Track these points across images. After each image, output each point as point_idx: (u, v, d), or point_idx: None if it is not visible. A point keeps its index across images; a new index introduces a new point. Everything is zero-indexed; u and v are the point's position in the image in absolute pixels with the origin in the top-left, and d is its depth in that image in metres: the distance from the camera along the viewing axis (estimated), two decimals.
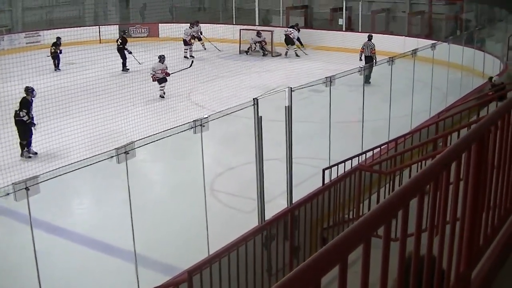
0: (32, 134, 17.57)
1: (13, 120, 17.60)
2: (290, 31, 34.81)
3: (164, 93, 24.43)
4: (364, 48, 28.22)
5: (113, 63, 25.07)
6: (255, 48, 34.77)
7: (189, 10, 44.85)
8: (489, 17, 30.16)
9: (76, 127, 17.83)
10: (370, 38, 28.83)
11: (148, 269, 11.15)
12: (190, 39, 34.48)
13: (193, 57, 33.28)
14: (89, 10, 41.32)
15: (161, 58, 25.16)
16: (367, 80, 23.28)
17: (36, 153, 17.36)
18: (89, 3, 41.67)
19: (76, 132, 17.64)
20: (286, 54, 34.57)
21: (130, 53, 30.29)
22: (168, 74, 24.71)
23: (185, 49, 34.19)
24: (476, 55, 24.89)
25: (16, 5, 38.74)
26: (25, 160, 16.73)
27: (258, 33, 34.69)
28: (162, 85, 24.53)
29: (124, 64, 30.49)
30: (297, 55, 34.27)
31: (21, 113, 17.41)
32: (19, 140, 17.40)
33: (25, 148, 17.36)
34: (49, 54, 29.57)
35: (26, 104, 17.70)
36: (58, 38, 30.30)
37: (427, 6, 37.52)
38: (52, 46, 30.06)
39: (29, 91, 18.03)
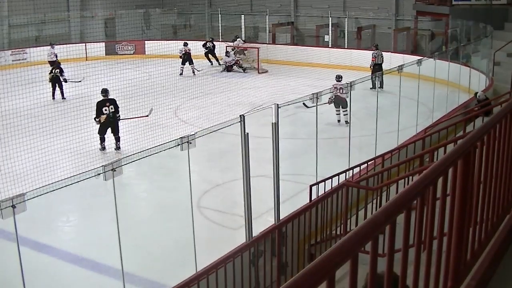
0: None
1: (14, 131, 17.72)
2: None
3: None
4: (375, 57, 29.33)
5: (99, 80, 25.05)
6: (228, 67, 34.89)
7: (174, 27, 44.94)
8: (475, 33, 30.31)
9: (62, 144, 17.77)
10: (377, 47, 30.00)
11: (136, 287, 11.11)
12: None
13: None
14: (75, 28, 41.34)
15: (339, 78, 22.81)
16: (381, 85, 24.72)
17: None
18: (75, 21, 41.69)
19: (62, 149, 17.59)
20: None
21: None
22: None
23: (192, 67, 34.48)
24: (462, 70, 24.98)
25: (2, 22, 38.68)
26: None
27: (227, 54, 34.91)
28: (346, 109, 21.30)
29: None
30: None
31: (119, 109, 19.58)
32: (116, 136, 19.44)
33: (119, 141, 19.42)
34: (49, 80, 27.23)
35: (116, 103, 19.69)
36: (58, 63, 28.10)
37: (412, 22, 37.71)
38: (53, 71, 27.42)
39: (107, 92, 19.87)
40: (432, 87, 21.01)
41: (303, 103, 19.41)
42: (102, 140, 19.21)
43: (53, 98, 27.05)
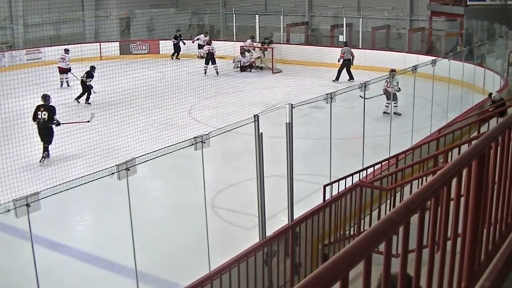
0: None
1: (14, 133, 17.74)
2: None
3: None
4: (344, 53, 31.34)
5: (114, 79, 25.11)
6: (242, 67, 34.77)
7: (188, 27, 45.00)
8: (489, 33, 30.22)
9: (76, 143, 17.83)
10: (346, 44, 33.28)
11: (150, 286, 11.14)
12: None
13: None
14: (89, 27, 41.47)
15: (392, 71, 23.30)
16: (351, 77, 28.59)
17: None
18: (90, 20, 41.83)
19: (76, 148, 17.66)
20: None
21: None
22: None
23: (214, 67, 34.15)
24: (477, 71, 24.93)
25: (17, 22, 38.84)
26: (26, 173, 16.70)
27: (243, 53, 34.88)
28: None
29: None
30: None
31: (54, 119, 18.66)
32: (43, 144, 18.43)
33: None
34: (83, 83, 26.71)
35: (52, 111, 18.80)
36: (93, 68, 27.15)
37: (427, 22, 37.64)
38: (86, 77, 26.72)
39: (46, 98, 19.02)
40: (447, 87, 20.97)
41: (360, 96, 19.50)
42: (45, 149, 18.46)
43: (79, 102, 26.39)
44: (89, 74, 26.76)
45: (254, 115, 10.06)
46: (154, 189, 16.76)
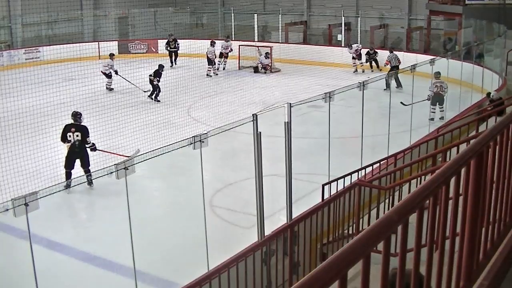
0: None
1: (15, 136, 17.68)
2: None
3: None
4: (389, 60, 30.19)
5: (112, 78, 25.07)
6: (261, 68, 34.41)
7: (187, 26, 44.92)
8: (488, 32, 30.21)
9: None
10: (391, 50, 31.42)
11: (148, 285, 11.14)
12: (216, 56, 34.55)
13: (216, 74, 33.45)
14: (88, 27, 41.43)
15: (438, 74, 22.22)
16: (399, 84, 25.56)
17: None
18: (88, 20, 41.79)
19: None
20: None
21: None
22: None
23: (208, 68, 33.61)
24: (475, 70, 24.92)
25: (15, 21, 38.82)
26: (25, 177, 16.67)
27: (267, 55, 34.42)
28: None
29: None
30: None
31: (88, 139, 16.22)
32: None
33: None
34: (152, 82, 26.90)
35: (86, 131, 16.37)
36: (161, 66, 27.33)
37: (425, 22, 37.64)
38: (154, 76, 27.01)
39: (77, 116, 16.52)
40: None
41: (401, 102, 19.40)
42: (68, 175, 15.29)
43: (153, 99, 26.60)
44: (157, 73, 26.90)
45: (253, 114, 10.05)
46: (153, 188, 16.75)
